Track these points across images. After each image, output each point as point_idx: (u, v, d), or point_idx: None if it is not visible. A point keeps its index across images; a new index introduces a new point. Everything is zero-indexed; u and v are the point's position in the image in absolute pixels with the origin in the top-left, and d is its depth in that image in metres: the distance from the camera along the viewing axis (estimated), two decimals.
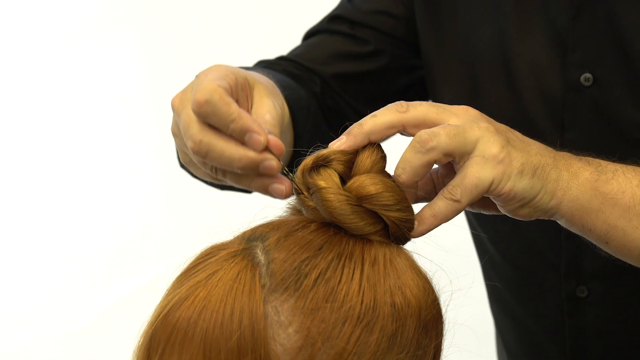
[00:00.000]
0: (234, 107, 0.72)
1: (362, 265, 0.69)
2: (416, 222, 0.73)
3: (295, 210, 0.75)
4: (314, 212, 0.73)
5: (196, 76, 0.78)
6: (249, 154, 0.73)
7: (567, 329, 1.05)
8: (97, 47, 2.28)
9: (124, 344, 0.99)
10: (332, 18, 1.11)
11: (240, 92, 0.77)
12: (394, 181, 0.73)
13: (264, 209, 0.75)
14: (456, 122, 0.74)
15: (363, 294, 0.67)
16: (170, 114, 1.15)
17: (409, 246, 0.75)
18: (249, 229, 0.72)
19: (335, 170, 0.73)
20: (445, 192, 0.73)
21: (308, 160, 0.74)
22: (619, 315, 1.04)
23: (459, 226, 1.14)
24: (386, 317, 0.67)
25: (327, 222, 0.72)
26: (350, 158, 0.74)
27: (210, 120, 0.73)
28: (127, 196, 2.23)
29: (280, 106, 0.80)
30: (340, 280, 0.67)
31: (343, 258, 0.69)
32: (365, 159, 0.73)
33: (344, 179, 0.73)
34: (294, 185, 0.74)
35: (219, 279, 0.67)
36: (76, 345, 2.14)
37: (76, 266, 2.18)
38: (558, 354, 1.08)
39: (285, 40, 1.83)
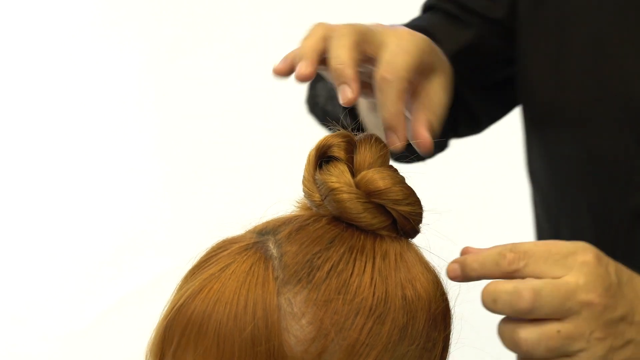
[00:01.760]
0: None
1: (374, 258, 0.69)
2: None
3: (304, 207, 0.76)
4: (320, 207, 0.73)
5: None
6: None
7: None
8: (97, 46, 2.28)
9: (125, 344, 1.00)
10: None
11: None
12: (399, 174, 0.73)
13: (275, 204, 0.75)
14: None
15: (375, 286, 0.68)
16: (170, 113, 1.14)
17: (416, 241, 0.75)
18: (259, 223, 0.73)
19: (342, 160, 0.73)
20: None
21: (311, 152, 0.74)
22: None
23: (467, 225, 1.15)
24: (397, 310, 0.68)
25: (337, 216, 0.73)
26: (349, 139, 0.74)
27: None
28: (128, 196, 2.24)
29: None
30: (352, 273, 0.68)
31: (354, 251, 0.69)
32: (369, 149, 0.74)
33: (350, 168, 0.73)
34: (303, 187, 0.75)
35: (232, 271, 0.67)
36: (76, 345, 2.14)
37: (76, 266, 2.19)
38: None
39: (287, 41, 1.84)
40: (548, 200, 1.05)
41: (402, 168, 0.75)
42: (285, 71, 0.78)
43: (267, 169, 2.14)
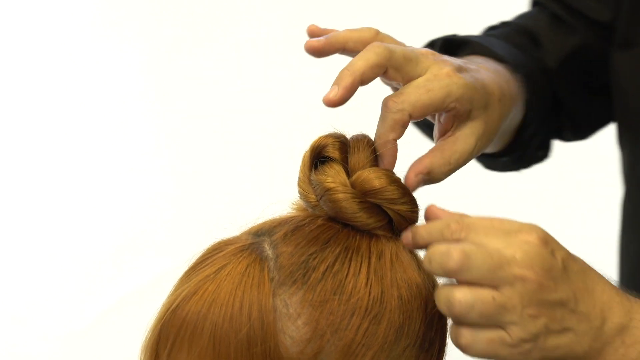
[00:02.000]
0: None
1: (369, 258, 0.70)
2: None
3: (300, 209, 0.76)
4: (316, 207, 0.73)
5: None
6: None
7: None
8: (98, 46, 2.28)
9: (125, 344, 1.00)
10: None
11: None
12: (394, 173, 0.74)
13: (268, 207, 0.76)
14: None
15: (370, 286, 0.68)
16: (170, 113, 1.14)
17: None
18: (255, 224, 0.73)
19: (337, 160, 0.73)
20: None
21: (305, 153, 0.75)
22: None
23: None
24: (393, 310, 0.68)
25: (333, 217, 0.73)
26: (343, 139, 0.74)
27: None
28: (128, 196, 2.24)
29: (484, 134, 0.79)
30: (347, 273, 0.68)
31: (350, 252, 0.69)
32: (363, 149, 0.74)
33: (345, 168, 0.73)
34: (298, 188, 0.75)
35: (228, 272, 0.67)
36: (76, 345, 2.14)
37: (76, 266, 2.19)
38: None
39: (289, 39, 1.84)
40: (628, 207, 1.04)
41: (397, 168, 0.75)
42: (312, 33, 0.79)
43: (268, 169, 2.14)
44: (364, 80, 0.73)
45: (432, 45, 0.98)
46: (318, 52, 0.77)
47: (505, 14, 1.10)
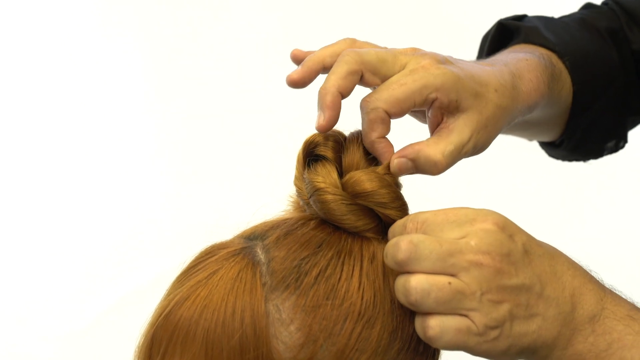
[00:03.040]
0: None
1: (362, 262, 0.69)
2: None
3: (296, 203, 0.76)
4: (309, 205, 0.73)
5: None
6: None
7: None
8: (98, 46, 2.28)
9: (125, 344, 1.00)
10: None
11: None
12: (388, 176, 0.73)
13: (262, 207, 0.75)
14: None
15: (363, 290, 0.68)
16: (170, 113, 1.14)
17: None
18: (248, 228, 0.73)
19: (329, 159, 0.72)
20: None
21: (299, 152, 0.74)
22: None
23: None
24: (387, 313, 0.68)
25: (325, 219, 0.72)
26: (336, 138, 0.74)
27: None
28: (128, 196, 2.24)
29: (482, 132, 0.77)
30: (340, 278, 0.68)
31: (342, 255, 0.69)
32: (357, 148, 0.73)
33: (338, 168, 0.73)
34: (294, 185, 0.75)
35: (220, 278, 0.67)
36: (76, 345, 2.14)
37: (76, 266, 2.19)
38: None
39: (288, 39, 1.84)
40: None
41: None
42: (295, 57, 0.79)
43: (269, 169, 2.14)
44: (343, 92, 0.72)
45: (496, 25, 0.97)
46: (301, 83, 0.75)
47: (505, 13, 1.10)
